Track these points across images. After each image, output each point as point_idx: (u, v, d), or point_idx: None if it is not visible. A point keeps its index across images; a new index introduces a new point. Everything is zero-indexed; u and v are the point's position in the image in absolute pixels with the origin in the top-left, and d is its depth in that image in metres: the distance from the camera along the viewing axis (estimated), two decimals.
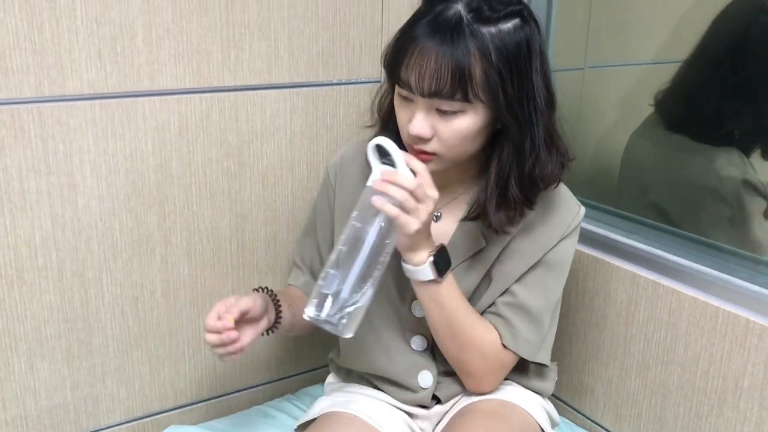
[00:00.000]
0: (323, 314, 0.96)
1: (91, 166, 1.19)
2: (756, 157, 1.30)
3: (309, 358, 1.53)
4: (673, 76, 1.39)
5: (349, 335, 0.98)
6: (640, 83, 1.52)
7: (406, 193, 0.97)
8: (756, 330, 1.08)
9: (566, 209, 1.13)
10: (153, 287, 1.30)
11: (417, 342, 1.18)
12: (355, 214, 0.99)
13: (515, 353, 1.13)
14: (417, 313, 1.16)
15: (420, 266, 1.03)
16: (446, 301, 1.07)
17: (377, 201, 0.97)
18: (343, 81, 1.39)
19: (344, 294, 0.96)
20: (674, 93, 1.39)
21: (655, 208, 1.41)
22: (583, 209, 1.15)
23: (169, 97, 1.22)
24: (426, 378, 1.18)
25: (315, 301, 0.97)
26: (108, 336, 1.29)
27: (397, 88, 1.04)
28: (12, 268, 1.17)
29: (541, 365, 1.19)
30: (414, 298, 1.13)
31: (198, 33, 1.22)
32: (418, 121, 1.00)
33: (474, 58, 0.96)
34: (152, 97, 1.21)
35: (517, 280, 1.12)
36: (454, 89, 0.96)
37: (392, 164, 0.99)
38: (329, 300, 0.96)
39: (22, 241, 1.17)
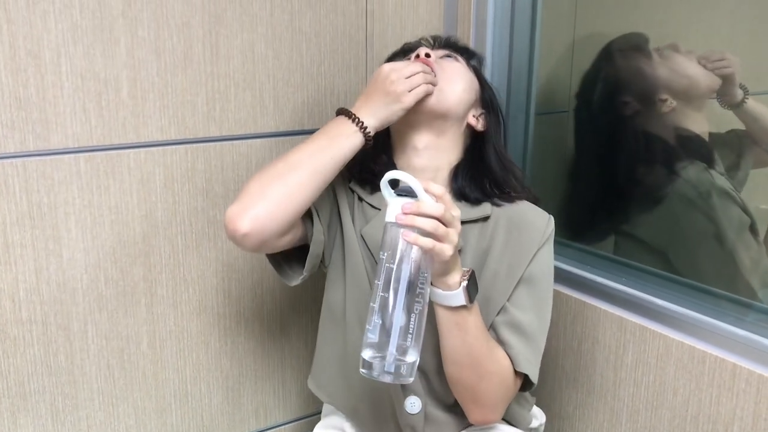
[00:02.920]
0: (382, 367, 0.91)
1: (75, 218, 1.19)
2: None
3: (298, 406, 1.51)
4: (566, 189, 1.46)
5: (410, 380, 0.94)
6: None
7: (435, 221, 0.92)
8: (743, 375, 1.07)
9: (538, 219, 1.16)
10: (138, 338, 1.29)
11: (410, 404, 1.15)
12: (385, 254, 0.93)
13: (522, 375, 1.10)
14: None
15: (453, 291, 0.99)
16: (471, 328, 1.03)
17: (409, 237, 0.91)
18: None
19: (394, 341, 0.91)
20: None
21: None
22: (552, 219, 1.17)
23: (154, 148, 1.23)
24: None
25: (369, 353, 0.92)
26: (93, 389, 1.27)
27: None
28: None
29: (520, 392, 1.16)
30: None
31: (183, 85, 1.23)
32: (424, 48, 1.18)
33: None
34: (137, 149, 1.21)
35: (509, 300, 1.11)
36: (460, 46, 1.25)
37: (406, 195, 0.94)
38: (387, 351, 0.92)
39: (5, 294, 1.16)
